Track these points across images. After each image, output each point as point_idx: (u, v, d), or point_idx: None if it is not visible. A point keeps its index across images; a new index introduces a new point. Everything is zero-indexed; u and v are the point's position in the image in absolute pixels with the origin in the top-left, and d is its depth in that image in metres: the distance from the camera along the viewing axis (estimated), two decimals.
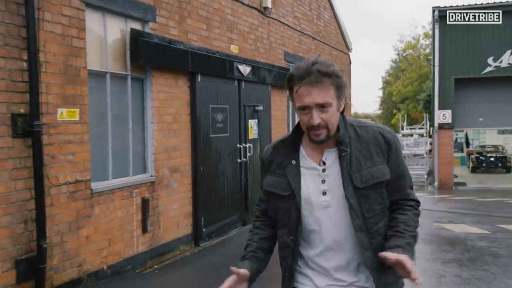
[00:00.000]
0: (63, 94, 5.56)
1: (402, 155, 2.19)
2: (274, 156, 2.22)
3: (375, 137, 2.13)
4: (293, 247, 2.14)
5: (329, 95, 1.99)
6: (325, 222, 2.10)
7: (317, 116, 1.99)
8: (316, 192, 2.10)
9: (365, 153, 2.10)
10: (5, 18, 4.88)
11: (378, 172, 2.08)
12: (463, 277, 6.53)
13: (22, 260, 5.08)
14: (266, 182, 2.23)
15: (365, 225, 2.06)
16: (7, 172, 4.93)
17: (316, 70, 1.96)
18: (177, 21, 7.70)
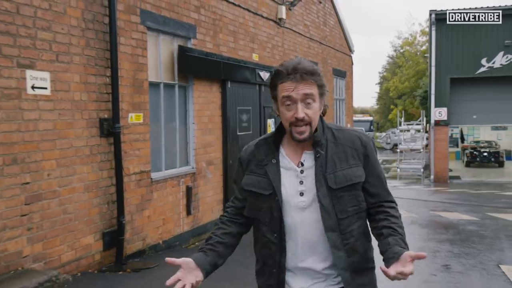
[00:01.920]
0: (132, 101, 6.93)
1: (377, 159, 2.25)
2: (254, 155, 2.25)
3: (351, 140, 2.17)
4: (278, 243, 2.16)
5: (314, 90, 2.06)
6: (301, 222, 2.13)
7: (302, 110, 2.03)
8: (294, 192, 2.13)
9: (340, 155, 2.13)
10: (95, 44, 6.24)
11: (353, 174, 2.11)
12: (454, 252, 7.91)
13: (107, 232, 6.47)
14: (245, 181, 2.24)
15: (338, 225, 2.09)
16: (96, 164, 6.31)
17: (302, 68, 2.04)
18: (211, 36, 9.05)
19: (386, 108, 57.20)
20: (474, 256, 7.59)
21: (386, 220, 2.12)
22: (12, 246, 5.16)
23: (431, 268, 6.89)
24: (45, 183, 5.54)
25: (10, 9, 5.09)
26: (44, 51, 5.50)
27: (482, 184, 21.32)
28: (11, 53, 5.11)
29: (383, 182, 2.21)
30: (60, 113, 5.72)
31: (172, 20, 7.82)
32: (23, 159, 5.27)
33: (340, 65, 17.76)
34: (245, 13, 10.30)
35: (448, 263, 7.15)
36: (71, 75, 5.88)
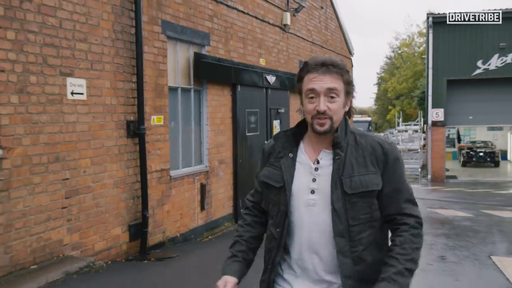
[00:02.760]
0: (154, 105, 7.54)
1: (402, 169, 2.14)
2: (274, 148, 2.23)
3: (373, 146, 2.11)
4: (278, 239, 2.14)
5: (339, 84, 2.04)
6: (307, 220, 2.09)
7: (324, 103, 2.02)
8: (305, 188, 2.10)
9: (360, 160, 2.07)
10: (123, 53, 6.86)
11: (369, 181, 2.05)
12: (449, 245, 8.54)
13: (132, 225, 7.08)
14: (262, 173, 2.25)
15: (348, 232, 2.03)
16: (124, 162, 6.93)
17: (330, 62, 2.04)
18: (223, 43, 9.67)
19: (384, 108, 57.91)
20: (467, 249, 8.21)
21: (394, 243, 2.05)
22: (55, 235, 5.77)
23: (427, 259, 7.51)
24: (81, 179, 6.16)
25: (55, 23, 5.71)
26: (81, 60, 6.12)
27: (478, 184, 21.94)
28: (55, 63, 5.73)
29: (403, 193, 2.09)
30: (94, 116, 6.34)
31: (188, 29, 8.44)
32: (64, 157, 5.89)
33: None
34: (253, 20, 10.92)
35: (444, 255, 7.78)
36: (103, 82, 6.50)
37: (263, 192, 2.26)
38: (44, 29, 5.59)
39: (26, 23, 5.36)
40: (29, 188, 5.43)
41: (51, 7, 5.67)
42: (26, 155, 5.39)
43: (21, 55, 5.30)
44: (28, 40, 5.38)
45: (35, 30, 5.47)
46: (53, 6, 5.69)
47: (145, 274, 6.17)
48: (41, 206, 5.58)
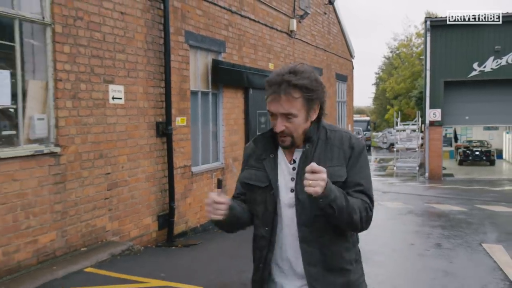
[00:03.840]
0: (179, 107, 8.38)
1: (366, 163, 2.20)
2: (253, 150, 2.30)
3: (341, 140, 2.17)
4: (268, 237, 2.18)
5: (295, 107, 2.06)
6: (288, 217, 2.16)
7: (281, 124, 2.07)
8: (285, 189, 2.17)
9: (327, 154, 2.14)
10: (154, 62, 7.69)
11: (334, 172, 2.09)
12: (445, 234, 9.39)
13: (161, 215, 7.92)
14: (243, 175, 2.31)
15: (313, 222, 2.09)
16: (153, 159, 7.76)
17: (286, 81, 2.03)
18: (237, 50, 10.51)
19: (382, 108, 58.64)
20: (461, 237, 9.06)
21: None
22: (99, 222, 6.61)
23: (425, 246, 8.38)
24: (120, 173, 7.00)
25: (100, 38, 6.54)
26: (120, 69, 6.96)
27: (474, 181, 22.70)
28: (100, 72, 6.57)
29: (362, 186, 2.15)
30: (129, 118, 7.18)
31: (207, 38, 9.28)
32: (106, 154, 6.73)
33: (342, 70, 19.24)
34: (263, 27, 11.76)
35: (440, 242, 8.63)
36: (137, 87, 7.33)
37: (246, 194, 2.29)
38: (92, 42, 6.42)
39: (78, 38, 6.19)
40: (79, 180, 6.27)
41: (97, 23, 6.50)
42: (77, 152, 6.23)
43: (74, 66, 6.14)
44: (79, 52, 6.22)
45: (84, 44, 6.30)
46: (98, 23, 6.52)
47: (178, 257, 7.01)
48: (88, 196, 6.42)
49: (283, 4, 12.95)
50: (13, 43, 5.47)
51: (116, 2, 6.85)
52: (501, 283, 6.15)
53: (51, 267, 5.61)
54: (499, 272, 6.67)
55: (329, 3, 17.13)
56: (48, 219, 5.79)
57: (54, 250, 5.90)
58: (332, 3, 17.28)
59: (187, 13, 8.57)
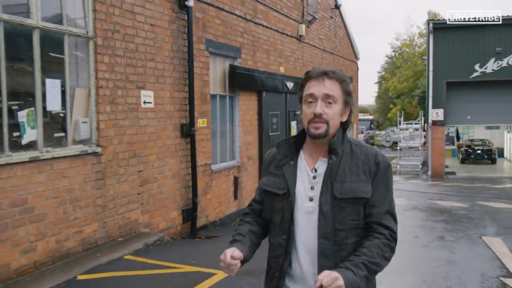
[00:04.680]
0: (200, 110, 9.05)
1: (390, 181, 2.18)
2: (274, 157, 2.27)
3: (367, 156, 2.15)
4: (285, 246, 2.14)
5: (336, 91, 2.09)
6: (305, 227, 2.12)
7: (320, 107, 2.07)
8: (304, 196, 2.13)
9: (353, 168, 2.11)
10: (179, 68, 8.36)
11: (360, 188, 2.08)
12: (447, 228, 10.05)
13: (185, 209, 8.60)
14: (262, 181, 2.28)
15: (334, 235, 2.06)
16: (178, 158, 8.44)
17: (331, 71, 2.11)
18: (251, 55, 11.18)
19: (385, 107, 59.11)
20: (462, 231, 9.72)
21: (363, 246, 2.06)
22: (133, 215, 7.29)
23: (429, 239, 9.04)
24: (150, 171, 7.67)
25: (133, 48, 7.22)
26: (150, 76, 7.63)
27: (475, 179, 23.28)
28: (133, 79, 7.24)
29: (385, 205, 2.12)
30: (158, 120, 7.85)
31: (225, 45, 9.95)
32: (139, 154, 7.41)
33: (347, 72, 19.88)
34: (274, 33, 12.42)
35: (442, 235, 9.29)
36: (165, 92, 8.01)
37: (264, 201, 2.29)
38: (127, 53, 7.10)
39: (115, 49, 6.87)
40: (116, 177, 6.95)
41: (131, 35, 7.18)
42: (115, 152, 6.91)
43: (112, 74, 6.82)
44: (116, 62, 6.90)
45: (121, 54, 6.98)
46: (132, 35, 7.20)
47: (203, 247, 7.69)
48: (124, 192, 7.10)
49: (293, 10, 13.62)
50: (62, 55, 6.14)
51: (147, 15, 7.52)
52: (498, 271, 6.80)
53: (95, 254, 6.29)
54: (497, 262, 7.32)
55: (335, 7, 17.78)
56: (91, 211, 6.47)
57: (96, 240, 6.59)
58: (338, 7, 17.94)
59: (207, 22, 9.24)
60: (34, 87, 5.72)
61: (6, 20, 5.30)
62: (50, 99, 5.88)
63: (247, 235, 2.25)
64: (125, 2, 7.04)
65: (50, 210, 5.82)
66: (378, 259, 2.02)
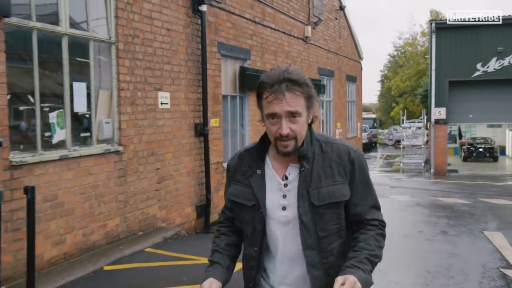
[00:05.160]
0: (212, 110, 9.43)
1: (368, 175, 2.12)
2: (239, 165, 2.16)
3: (339, 155, 2.05)
4: (257, 258, 2.08)
5: (300, 104, 1.93)
6: (282, 237, 2.05)
7: (286, 126, 1.92)
8: (276, 206, 2.04)
9: (327, 170, 2.02)
10: (193, 71, 8.75)
11: (337, 191, 2.01)
12: (450, 223, 10.42)
13: (199, 205, 8.99)
14: (230, 191, 2.16)
15: (318, 243, 2.00)
16: (192, 156, 8.83)
17: (287, 79, 1.90)
18: (260, 57, 11.56)
19: (388, 105, 59.47)
20: (465, 226, 10.09)
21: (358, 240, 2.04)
22: (151, 211, 7.69)
23: (432, 233, 9.41)
24: (167, 169, 8.06)
25: (151, 52, 7.61)
26: (167, 78, 8.02)
27: (477, 177, 23.61)
28: (151, 81, 7.63)
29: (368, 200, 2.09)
30: (174, 120, 8.24)
31: (235, 47, 10.33)
32: (156, 152, 7.80)
33: (351, 71, 20.26)
34: (282, 35, 12.80)
35: (445, 230, 9.67)
36: (180, 93, 8.40)
37: (234, 210, 2.19)
38: (145, 56, 7.49)
39: (135, 53, 7.26)
40: (136, 175, 7.34)
41: (150, 39, 7.57)
42: (135, 150, 7.30)
43: (133, 77, 7.21)
44: (136, 65, 7.28)
45: (140, 58, 7.37)
46: (150, 39, 7.59)
47: None
48: (143, 188, 7.49)
49: (299, 12, 14.00)
50: (87, 60, 6.53)
51: (164, 20, 7.90)
52: (498, 262, 7.18)
53: (118, 247, 6.68)
54: (498, 254, 7.70)
55: (339, 8, 18.14)
56: (114, 207, 6.86)
57: (119, 233, 6.98)
58: (342, 8, 18.30)
59: (219, 26, 9.62)
60: (63, 89, 6.11)
61: (39, 28, 5.69)
62: (77, 101, 6.27)
63: (224, 251, 2.17)
64: (144, 8, 7.43)
65: (78, 205, 6.22)
66: (377, 251, 2.01)
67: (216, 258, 2.15)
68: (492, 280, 6.30)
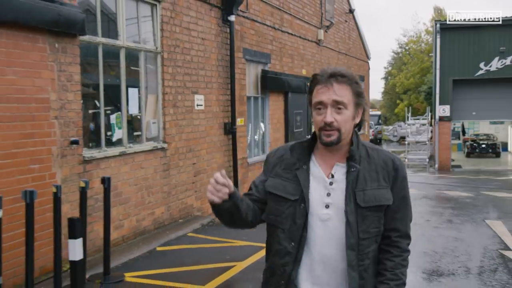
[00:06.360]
0: (239, 110, 10.38)
1: (407, 187, 2.15)
2: (284, 158, 2.15)
3: (385, 161, 2.10)
4: (295, 254, 2.05)
5: (346, 96, 1.99)
6: (320, 235, 2.04)
7: (331, 115, 1.97)
8: (319, 203, 2.05)
9: (372, 174, 2.06)
10: (222, 75, 9.70)
11: (382, 195, 2.04)
12: (454, 213, 11.35)
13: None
14: (268, 183, 2.14)
15: (358, 245, 2.02)
16: (222, 152, 9.79)
17: (338, 73, 2.00)
18: (279, 60, 12.50)
19: (392, 102, 60.25)
20: (468, 216, 11.02)
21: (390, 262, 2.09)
22: (189, 201, 8.65)
23: (438, 222, 10.35)
24: (201, 163, 9.02)
25: (189, 59, 8.56)
26: (201, 82, 8.97)
27: (480, 172, 24.38)
28: (189, 86, 8.59)
29: (405, 211, 2.13)
30: (207, 120, 9.20)
31: (258, 52, 11.28)
32: (193, 148, 8.76)
33: (360, 71, 21.17)
34: (298, 39, 13.74)
35: (451, 219, 10.61)
36: (212, 96, 9.35)
37: (268, 204, 2.15)
38: (184, 63, 8.44)
39: (176, 61, 8.21)
40: (177, 169, 8.30)
41: (188, 48, 8.52)
42: (176, 147, 8.26)
43: (174, 82, 8.16)
44: (177, 72, 8.24)
45: (180, 65, 8.32)
46: (188, 48, 8.54)
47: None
48: (183, 181, 8.46)
49: (313, 17, 14.93)
50: (138, 68, 7.49)
51: (199, 31, 8.85)
52: (497, 245, 8.11)
53: (165, 232, 7.66)
54: (497, 239, 8.63)
55: (349, 11, 19.06)
56: (159, 197, 7.83)
57: (163, 220, 7.95)
58: (352, 11, 19.21)
59: (244, 33, 10.57)
60: (121, 95, 7.07)
61: (104, 43, 6.66)
62: (131, 105, 7.23)
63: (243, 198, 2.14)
64: (184, 21, 8.38)
65: (132, 195, 7.18)
66: (403, 278, 2.09)
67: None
68: (491, 259, 7.24)
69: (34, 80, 5.51)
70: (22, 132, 5.37)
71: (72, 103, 6.02)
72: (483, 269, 6.76)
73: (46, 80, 5.65)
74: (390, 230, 2.11)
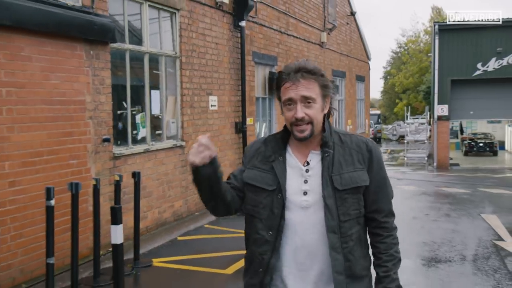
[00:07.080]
0: (248, 110, 10.98)
1: (383, 167, 2.22)
2: (260, 151, 2.21)
3: (358, 144, 2.16)
4: (273, 242, 2.09)
5: (314, 91, 2.04)
6: (301, 222, 2.09)
7: (301, 110, 2.02)
8: (297, 191, 2.10)
9: (347, 158, 2.12)
10: (234, 77, 10.31)
11: (358, 177, 2.11)
12: (452, 208, 11.96)
13: None
14: (246, 175, 2.20)
15: (339, 228, 2.07)
16: (234, 150, 10.40)
17: (303, 68, 2.03)
18: (285, 62, 13.09)
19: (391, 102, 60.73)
20: (465, 210, 11.64)
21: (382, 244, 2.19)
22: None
23: (437, 215, 10.97)
24: None
25: (204, 63, 9.17)
26: (215, 84, 9.58)
27: (478, 170, 24.87)
28: (204, 87, 9.20)
29: (385, 190, 2.21)
30: (220, 120, 9.81)
31: (266, 55, 11.89)
32: None
33: (360, 72, 21.79)
34: (302, 42, 14.35)
35: (448, 213, 11.23)
36: (224, 97, 9.96)
37: (246, 195, 2.20)
38: (200, 67, 9.05)
39: (193, 65, 8.82)
40: None
41: (203, 53, 9.13)
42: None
43: (191, 84, 8.77)
44: (194, 75, 8.85)
45: (196, 68, 8.93)
46: (204, 52, 9.15)
47: None
48: None
49: (316, 20, 15.54)
50: (159, 72, 8.10)
51: (213, 36, 9.46)
52: (491, 236, 8.73)
53: (184, 223, 8.27)
54: (492, 231, 9.25)
55: (351, 14, 19.67)
56: (178, 191, 8.44)
57: (182, 213, 8.57)
58: (353, 14, 19.82)
59: (253, 37, 11.18)
60: (145, 96, 7.68)
61: (131, 49, 7.27)
62: (153, 105, 7.84)
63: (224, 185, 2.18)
64: (199, 27, 8.99)
65: (155, 189, 7.79)
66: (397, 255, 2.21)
67: None
68: (485, 248, 7.87)
69: (73, 84, 6.12)
70: (63, 131, 5.98)
71: (104, 104, 6.63)
72: (477, 257, 7.38)
73: (82, 84, 6.26)
74: (375, 212, 2.19)
